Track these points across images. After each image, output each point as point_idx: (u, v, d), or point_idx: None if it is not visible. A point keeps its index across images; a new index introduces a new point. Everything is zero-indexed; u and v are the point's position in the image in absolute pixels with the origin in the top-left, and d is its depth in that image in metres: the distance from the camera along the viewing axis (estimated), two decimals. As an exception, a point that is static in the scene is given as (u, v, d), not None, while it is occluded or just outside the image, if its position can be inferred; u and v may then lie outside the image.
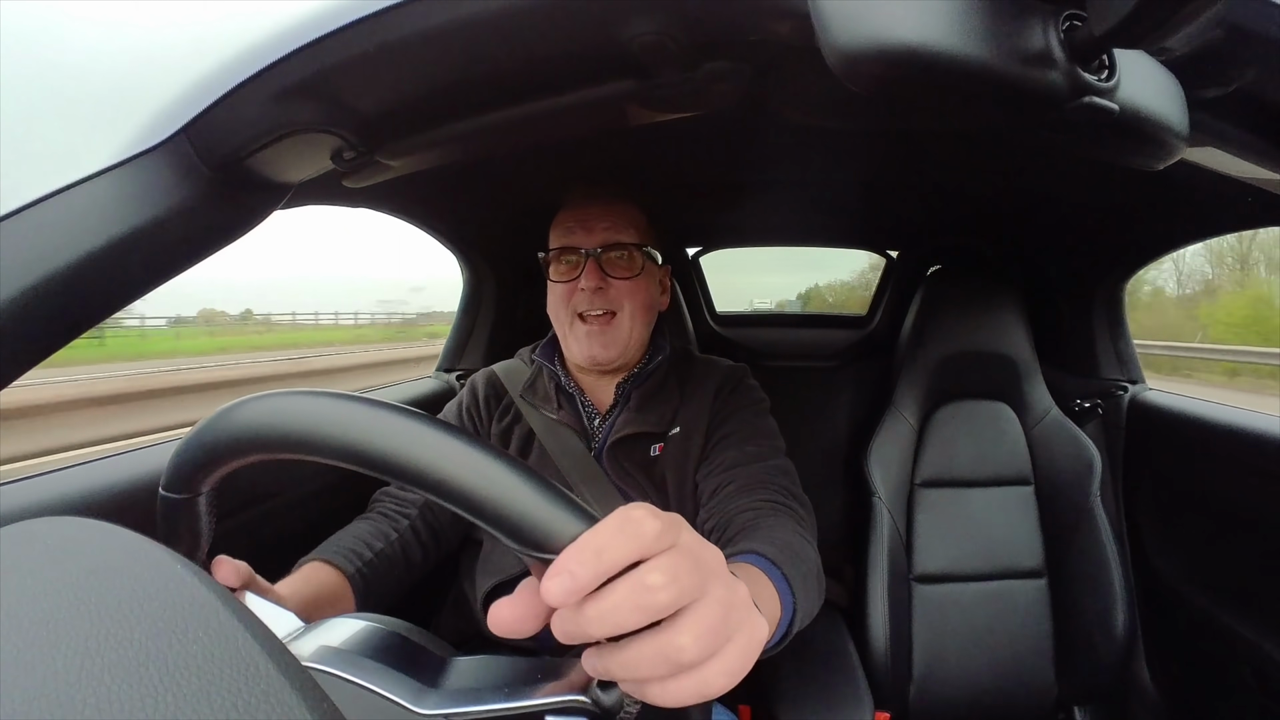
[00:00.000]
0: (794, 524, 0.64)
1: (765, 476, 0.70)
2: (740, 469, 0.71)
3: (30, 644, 0.18)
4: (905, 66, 0.26)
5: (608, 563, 0.24)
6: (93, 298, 0.37)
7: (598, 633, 0.25)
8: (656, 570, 0.24)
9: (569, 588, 0.24)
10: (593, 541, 0.24)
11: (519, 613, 0.26)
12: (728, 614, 0.26)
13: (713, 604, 0.26)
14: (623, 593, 0.24)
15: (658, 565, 0.25)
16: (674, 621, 0.25)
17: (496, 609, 0.26)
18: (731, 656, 0.26)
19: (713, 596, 0.26)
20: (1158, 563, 1.07)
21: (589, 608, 0.24)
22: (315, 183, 0.49)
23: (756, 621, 0.28)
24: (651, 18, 0.34)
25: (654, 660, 0.25)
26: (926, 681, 1.07)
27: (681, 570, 0.25)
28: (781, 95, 0.49)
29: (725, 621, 0.26)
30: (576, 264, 0.74)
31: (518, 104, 0.43)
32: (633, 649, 0.25)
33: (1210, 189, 0.78)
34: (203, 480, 0.34)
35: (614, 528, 0.25)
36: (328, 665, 0.32)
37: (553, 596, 0.24)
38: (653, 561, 0.25)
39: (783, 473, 0.72)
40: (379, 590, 0.65)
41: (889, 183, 1.02)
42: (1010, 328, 1.16)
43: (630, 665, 0.25)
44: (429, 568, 0.74)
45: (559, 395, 0.80)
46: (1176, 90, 0.33)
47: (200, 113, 0.37)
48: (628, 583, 0.24)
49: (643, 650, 0.25)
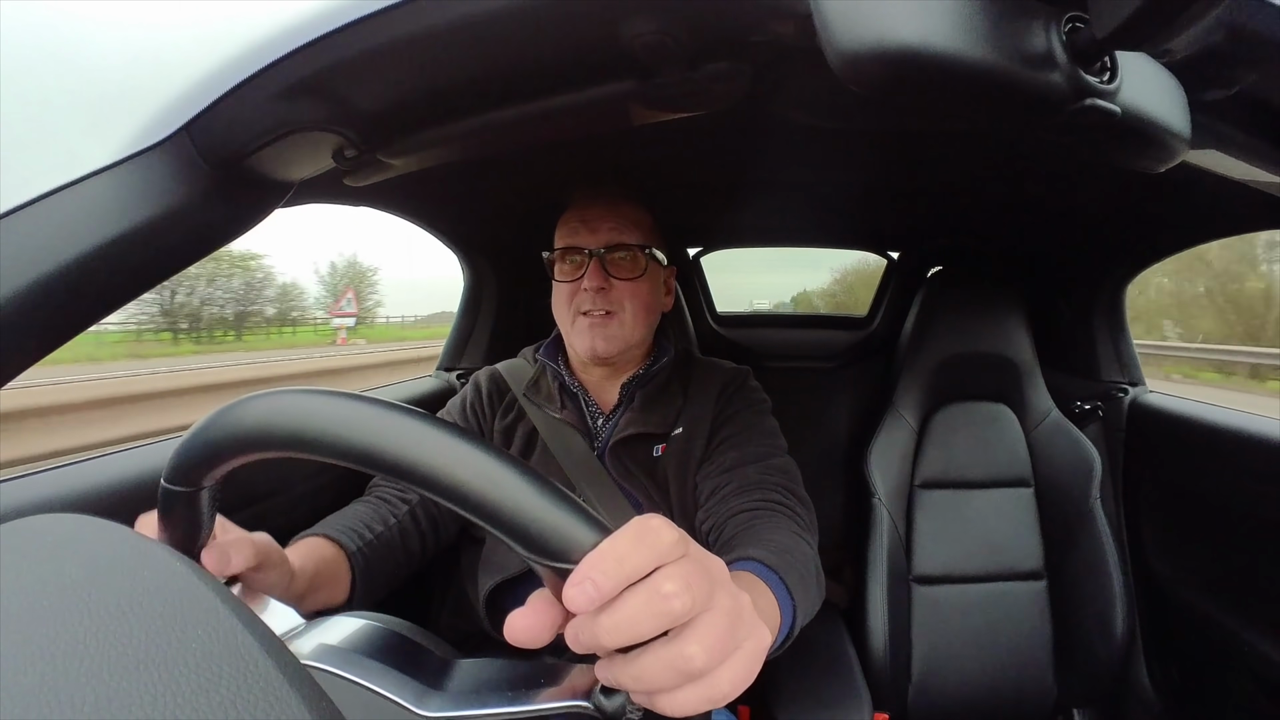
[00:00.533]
0: (791, 524, 0.63)
1: (763, 476, 0.70)
2: (739, 469, 0.71)
3: (29, 641, 0.18)
4: (907, 67, 0.26)
5: (629, 570, 0.25)
6: (94, 295, 0.37)
7: (612, 642, 0.25)
8: (670, 578, 0.25)
9: (592, 595, 0.24)
10: (613, 550, 0.25)
11: (532, 621, 0.27)
12: (735, 623, 0.27)
13: (720, 614, 0.26)
14: (640, 600, 0.25)
15: (671, 574, 0.25)
16: (683, 631, 0.25)
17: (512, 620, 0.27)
18: (738, 665, 0.27)
19: (720, 607, 0.26)
20: (1157, 565, 1.07)
21: (605, 617, 0.25)
22: (317, 181, 0.49)
23: (760, 630, 0.29)
24: (653, 18, 0.34)
25: (664, 670, 0.25)
26: (925, 683, 1.07)
27: (694, 578, 0.25)
28: (783, 96, 0.49)
29: (732, 631, 0.27)
30: (580, 264, 0.75)
31: (518, 103, 0.43)
32: (644, 660, 0.26)
33: (1211, 191, 0.78)
34: (205, 474, 0.34)
35: (633, 536, 0.25)
36: (327, 664, 0.32)
37: (577, 605, 0.24)
38: (666, 570, 0.25)
39: (782, 472, 0.72)
40: (377, 573, 0.64)
41: (890, 184, 1.02)
42: (1011, 329, 1.16)
43: (642, 676, 0.26)
44: (426, 559, 0.74)
45: (562, 394, 0.80)
46: (1178, 93, 0.33)
47: (202, 111, 0.37)
48: (644, 590, 0.25)
49: (654, 661, 0.25)
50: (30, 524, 0.24)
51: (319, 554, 0.58)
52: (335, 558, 0.60)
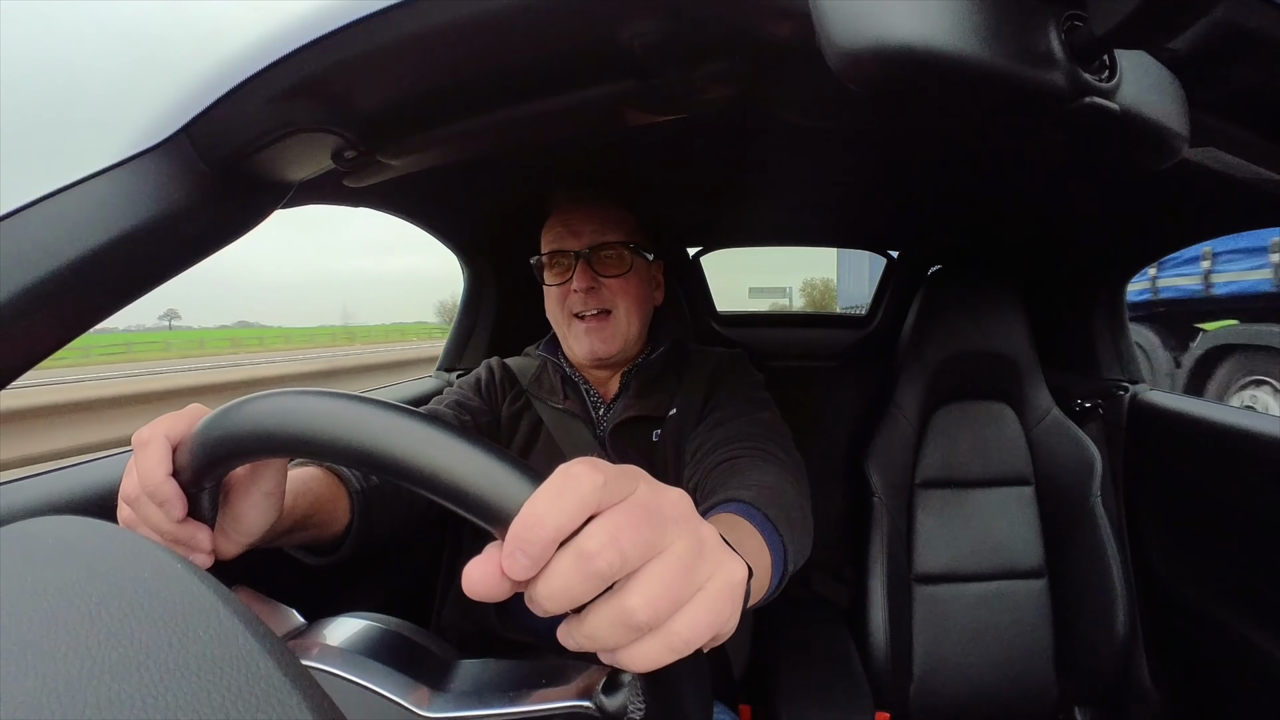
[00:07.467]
0: (775, 467, 0.62)
1: (749, 430, 0.69)
2: (723, 426, 0.71)
3: (30, 643, 0.18)
4: (905, 66, 0.26)
5: (551, 530, 0.23)
6: (94, 296, 0.37)
7: (556, 609, 0.24)
8: (594, 535, 0.23)
9: (525, 564, 0.23)
10: (534, 510, 0.23)
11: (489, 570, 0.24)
12: (691, 564, 0.25)
13: (669, 558, 0.24)
14: (566, 563, 0.23)
15: (595, 529, 0.23)
16: (626, 583, 0.24)
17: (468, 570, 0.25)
18: (700, 608, 0.25)
19: (671, 550, 0.25)
20: (1158, 563, 1.07)
21: (540, 585, 0.23)
22: (316, 182, 0.49)
23: (729, 564, 0.27)
24: (651, 18, 0.34)
25: (613, 627, 0.24)
26: (927, 682, 1.07)
27: (624, 528, 0.23)
28: (781, 96, 0.49)
29: (687, 573, 0.25)
30: (568, 267, 0.77)
31: (518, 104, 0.43)
32: (590, 619, 0.24)
33: (1211, 189, 0.78)
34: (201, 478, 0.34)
35: (553, 490, 0.23)
36: (329, 665, 0.32)
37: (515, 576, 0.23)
38: (593, 525, 0.23)
39: (766, 425, 0.71)
40: (377, 520, 0.60)
41: (889, 183, 1.02)
42: (1011, 328, 1.16)
43: (595, 636, 0.24)
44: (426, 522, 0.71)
45: (564, 386, 0.82)
46: (1177, 90, 0.33)
47: (201, 112, 0.37)
48: (570, 552, 0.23)
49: (599, 619, 0.24)
50: (31, 526, 0.24)
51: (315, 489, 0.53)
52: (333, 495, 0.55)
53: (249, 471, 0.39)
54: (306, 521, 0.50)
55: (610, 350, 0.77)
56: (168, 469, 0.34)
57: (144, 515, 0.35)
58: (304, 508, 0.49)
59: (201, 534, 0.37)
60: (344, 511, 0.56)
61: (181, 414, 0.36)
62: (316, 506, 0.52)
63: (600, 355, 0.77)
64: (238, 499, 0.39)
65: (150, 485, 0.34)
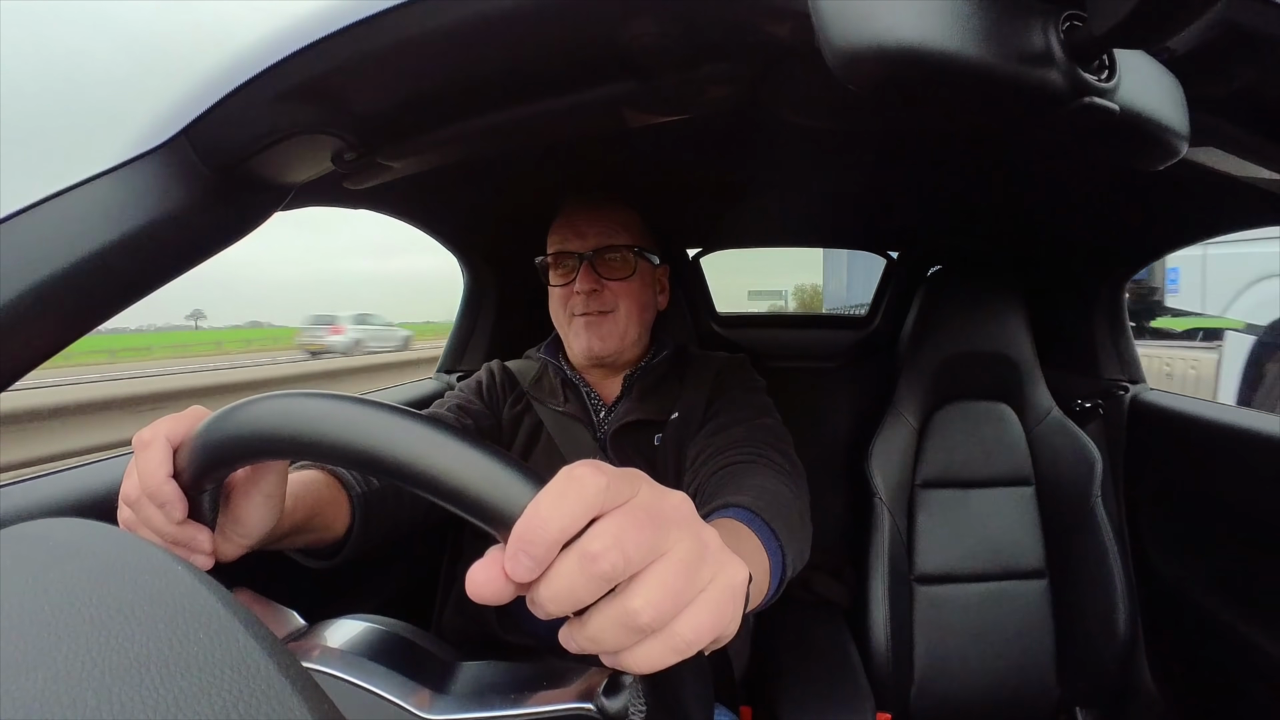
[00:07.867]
0: (772, 471, 0.62)
1: (749, 434, 0.70)
2: (724, 432, 0.71)
3: (30, 645, 0.18)
4: (904, 66, 0.26)
5: (555, 531, 0.23)
6: (94, 299, 0.37)
7: (559, 611, 0.24)
8: (598, 536, 0.23)
9: (528, 566, 0.23)
10: (537, 512, 0.23)
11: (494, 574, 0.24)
12: (693, 567, 0.25)
13: (672, 560, 0.24)
14: (570, 565, 0.23)
15: (600, 531, 0.23)
16: (629, 585, 0.24)
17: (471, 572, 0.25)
18: (703, 610, 0.25)
19: (674, 552, 0.25)
20: (1159, 563, 1.07)
21: (543, 588, 0.23)
22: (316, 184, 0.49)
23: (732, 567, 0.27)
24: (651, 19, 0.34)
25: (615, 629, 0.24)
26: (927, 682, 1.07)
27: (627, 530, 0.23)
28: (781, 96, 0.49)
29: (690, 575, 0.25)
30: (572, 268, 0.77)
31: (517, 105, 0.43)
32: (593, 621, 0.24)
33: (1211, 189, 0.78)
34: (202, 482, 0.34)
35: (556, 492, 0.24)
36: (330, 667, 0.32)
37: (518, 578, 0.23)
38: (597, 526, 0.24)
39: (767, 430, 0.72)
40: (378, 524, 0.60)
41: (889, 184, 1.02)
42: (1011, 328, 1.16)
43: (597, 638, 0.24)
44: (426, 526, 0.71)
45: (565, 389, 0.82)
46: (1177, 90, 0.33)
47: (201, 114, 0.37)
48: (573, 554, 0.23)
49: (602, 621, 0.24)
50: (31, 528, 0.24)
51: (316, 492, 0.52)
52: (334, 499, 0.55)
53: (250, 474, 0.38)
54: (307, 525, 0.50)
55: (607, 348, 0.77)
56: (168, 470, 0.34)
57: (144, 517, 0.35)
58: (305, 511, 0.49)
59: (202, 536, 0.37)
60: (344, 515, 0.57)
61: (183, 415, 0.36)
62: (317, 510, 0.52)
63: (597, 352, 0.77)
64: (238, 501, 0.39)
65: (151, 487, 0.34)
